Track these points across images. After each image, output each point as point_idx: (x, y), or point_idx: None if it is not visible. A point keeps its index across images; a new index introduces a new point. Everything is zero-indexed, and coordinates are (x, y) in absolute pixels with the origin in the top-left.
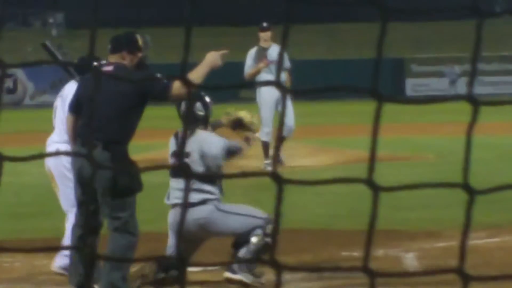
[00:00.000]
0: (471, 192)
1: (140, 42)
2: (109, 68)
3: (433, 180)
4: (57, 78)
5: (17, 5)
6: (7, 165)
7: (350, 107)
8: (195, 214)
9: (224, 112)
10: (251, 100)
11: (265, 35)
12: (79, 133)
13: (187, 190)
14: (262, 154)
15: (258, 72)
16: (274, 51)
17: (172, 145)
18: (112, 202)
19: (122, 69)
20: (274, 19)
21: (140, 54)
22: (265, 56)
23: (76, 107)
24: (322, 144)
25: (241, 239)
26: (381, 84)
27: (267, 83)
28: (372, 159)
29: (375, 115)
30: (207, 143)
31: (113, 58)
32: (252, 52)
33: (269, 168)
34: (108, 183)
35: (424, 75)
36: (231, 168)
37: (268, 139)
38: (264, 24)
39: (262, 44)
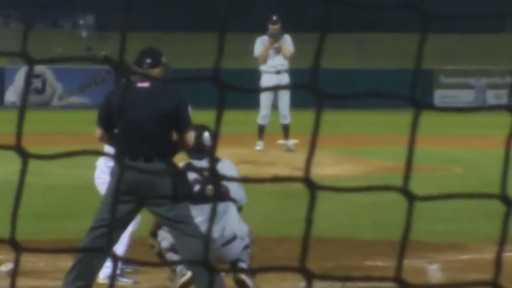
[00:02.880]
0: (509, 203)
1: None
2: (145, 85)
3: (460, 192)
4: (86, 80)
5: (48, 6)
6: (33, 166)
7: (376, 117)
8: (229, 252)
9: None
10: None
11: (274, 28)
12: (126, 148)
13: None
14: (288, 160)
15: (268, 51)
16: (284, 39)
17: (189, 175)
18: (177, 207)
19: (162, 88)
20: (308, 26)
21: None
22: (273, 38)
23: (107, 121)
24: (347, 153)
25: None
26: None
27: (300, 86)
28: (408, 168)
29: (412, 123)
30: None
31: (151, 72)
32: (258, 40)
33: (258, 148)
34: (171, 190)
35: (453, 87)
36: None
37: (264, 123)
38: (274, 18)
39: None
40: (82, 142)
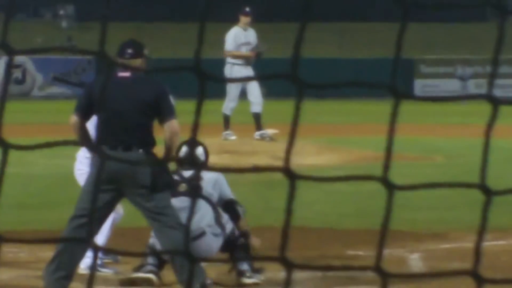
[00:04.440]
0: (488, 193)
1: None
2: (127, 75)
3: (440, 181)
4: (66, 70)
5: None
6: (14, 156)
7: (358, 107)
8: (199, 249)
9: None
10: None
11: (246, 19)
12: (106, 137)
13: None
14: (269, 149)
15: (239, 56)
16: (251, 34)
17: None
18: (156, 197)
19: (143, 77)
20: (288, 15)
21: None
22: (249, 44)
23: (85, 109)
24: (330, 143)
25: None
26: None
27: (282, 76)
28: (388, 157)
29: (392, 112)
30: (224, 185)
31: (133, 63)
32: (232, 33)
33: (233, 138)
34: (150, 179)
35: (433, 76)
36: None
37: (230, 113)
38: (247, 9)
39: (242, 26)
40: (63, 132)
